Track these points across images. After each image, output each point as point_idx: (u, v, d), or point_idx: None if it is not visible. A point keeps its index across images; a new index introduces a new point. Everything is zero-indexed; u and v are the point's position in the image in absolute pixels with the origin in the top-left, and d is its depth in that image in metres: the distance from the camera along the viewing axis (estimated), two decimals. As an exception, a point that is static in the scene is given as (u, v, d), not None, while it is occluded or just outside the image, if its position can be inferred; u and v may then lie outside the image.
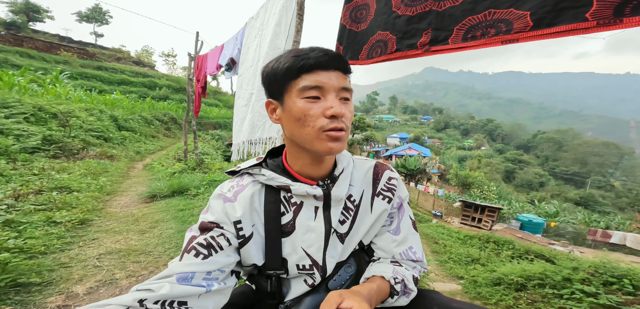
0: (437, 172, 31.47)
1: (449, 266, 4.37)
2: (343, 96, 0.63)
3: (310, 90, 0.60)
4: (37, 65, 15.30)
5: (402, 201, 0.77)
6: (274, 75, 0.64)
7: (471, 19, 1.09)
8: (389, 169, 0.77)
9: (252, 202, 0.67)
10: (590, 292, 2.36)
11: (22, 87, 8.31)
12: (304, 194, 0.66)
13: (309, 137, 0.62)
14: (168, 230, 2.96)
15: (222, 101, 27.00)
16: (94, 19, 36.12)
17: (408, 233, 0.75)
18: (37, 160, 4.83)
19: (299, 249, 0.67)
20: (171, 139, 13.39)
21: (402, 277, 0.69)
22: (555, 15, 0.88)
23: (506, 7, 0.97)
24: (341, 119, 0.61)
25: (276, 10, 2.48)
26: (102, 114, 9.61)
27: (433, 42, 1.27)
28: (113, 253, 2.33)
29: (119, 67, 23.28)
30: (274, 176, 0.67)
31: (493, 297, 2.81)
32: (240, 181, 0.70)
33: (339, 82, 0.62)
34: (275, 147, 0.79)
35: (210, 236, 0.62)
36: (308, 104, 0.60)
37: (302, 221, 0.68)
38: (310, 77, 0.60)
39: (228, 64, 3.55)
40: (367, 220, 0.72)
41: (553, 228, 12.90)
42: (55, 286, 1.77)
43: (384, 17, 1.58)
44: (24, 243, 2.07)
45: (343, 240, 0.71)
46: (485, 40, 1.04)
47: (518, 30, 0.95)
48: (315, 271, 0.68)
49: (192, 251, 0.59)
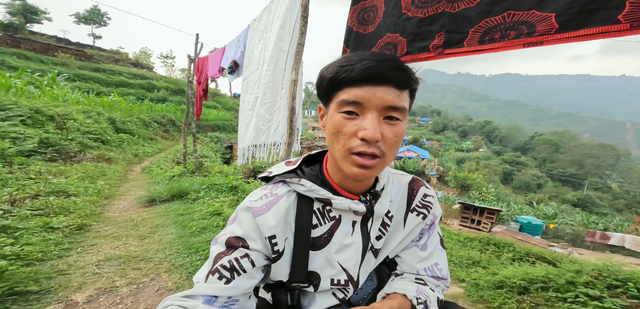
0: (435, 174, 31.46)
1: (450, 269, 4.34)
2: (389, 115, 0.54)
3: (348, 105, 0.54)
4: (34, 67, 15.16)
5: (435, 219, 0.75)
6: (321, 82, 0.59)
7: (488, 21, 1.06)
8: (425, 186, 0.74)
9: (287, 216, 0.63)
10: (595, 296, 2.35)
11: (19, 89, 8.21)
12: (346, 209, 0.62)
13: (338, 155, 0.57)
14: (168, 235, 2.90)
15: (221, 103, 26.90)
16: (92, 20, 36.04)
17: (435, 249, 0.73)
18: (33, 163, 4.75)
19: (335, 264, 0.64)
20: (170, 142, 13.29)
21: (425, 298, 0.65)
22: (584, 17, 0.84)
23: (527, 9, 0.94)
24: (376, 144, 0.53)
25: (280, 12, 2.44)
26: (100, 116, 9.52)
27: (446, 44, 1.23)
28: (112, 259, 2.28)
29: (117, 69, 23.13)
30: (315, 188, 0.62)
31: (496, 300, 2.78)
32: (275, 190, 0.65)
33: (386, 99, 0.53)
34: (312, 154, 0.74)
35: (234, 258, 0.59)
36: (344, 119, 0.55)
37: (339, 236, 0.64)
38: (351, 91, 0.53)
39: (231, 66, 3.51)
40: (398, 235, 0.70)
41: (552, 230, 12.92)
42: (54, 294, 1.71)
43: (393, 18, 1.55)
44: (21, 250, 2.01)
45: (376, 255, 0.69)
46: (505, 43, 1.01)
47: (542, 32, 0.91)
48: (350, 286, 0.66)
49: (216, 273, 0.58)
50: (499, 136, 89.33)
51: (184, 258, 2.41)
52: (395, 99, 0.53)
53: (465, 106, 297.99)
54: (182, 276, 2.14)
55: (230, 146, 14.97)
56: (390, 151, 0.56)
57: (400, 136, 0.56)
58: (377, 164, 0.55)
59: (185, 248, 2.60)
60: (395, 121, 0.55)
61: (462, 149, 63.56)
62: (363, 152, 0.53)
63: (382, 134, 0.53)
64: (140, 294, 1.87)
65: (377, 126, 0.53)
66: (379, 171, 0.57)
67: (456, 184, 26.12)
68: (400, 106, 0.54)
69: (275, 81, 2.47)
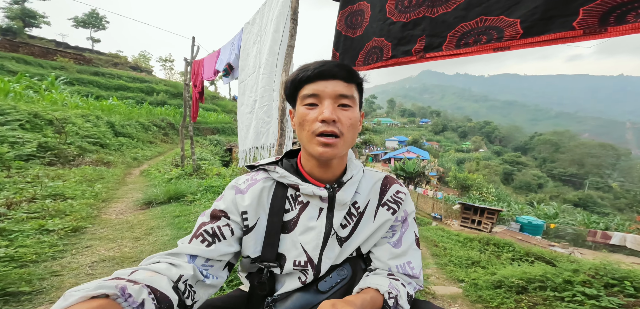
0: (436, 175, 31.52)
1: (449, 269, 4.35)
2: (341, 103, 0.67)
3: (308, 98, 0.67)
4: (33, 71, 15.24)
5: (407, 216, 0.79)
6: (287, 87, 0.72)
7: (464, 26, 1.09)
8: (398, 184, 0.80)
9: (261, 196, 0.72)
10: (592, 294, 2.37)
11: (18, 94, 8.26)
12: (311, 194, 0.70)
13: (305, 140, 0.69)
14: (163, 237, 2.93)
15: (220, 106, 26.96)
16: (91, 24, 36.15)
17: (409, 247, 0.77)
18: (31, 167, 4.78)
19: (298, 245, 0.71)
20: (169, 145, 13.32)
21: (396, 293, 0.69)
22: (545, 24, 0.89)
23: (497, 15, 0.98)
24: (334, 124, 0.65)
25: (273, 16, 2.48)
26: (99, 120, 9.55)
27: (427, 48, 1.27)
28: (106, 260, 2.30)
29: (116, 73, 23.20)
30: (286, 175, 0.72)
31: (494, 300, 2.79)
32: (255, 176, 0.76)
33: (336, 89, 0.67)
34: (294, 149, 0.84)
35: (217, 225, 0.68)
36: (306, 110, 0.68)
37: (304, 219, 0.72)
38: (309, 87, 0.67)
39: (226, 69, 3.55)
40: (368, 228, 0.75)
41: (553, 230, 12.91)
42: (46, 295, 1.74)
43: (379, 23, 1.58)
44: (15, 252, 2.03)
45: (342, 243, 0.73)
46: (477, 47, 1.05)
47: (509, 37, 0.95)
48: (309, 269, 0.70)
49: (199, 237, 0.66)
50: (498, 137, 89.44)
51: (177, 260, 2.43)
52: (344, 89, 0.67)
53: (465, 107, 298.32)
54: (175, 277, 2.16)
55: (229, 149, 15.00)
56: (348, 132, 0.68)
57: (354, 119, 0.69)
58: (338, 143, 0.66)
59: (180, 250, 2.62)
60: (347, 107, 0.68)
61: (462, 150, 63.62)
62: (324, 132, 0.65)
63: (338, 118, 0.66)
64: (133, 295, 1.89)
65: (332, 110, 0.66)
66: (340, 149, 0.67)
67: (456, 184, 26.16)
68: (349, 95, 0.68)
69: (270, 83, 2.51)
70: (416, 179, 23.85)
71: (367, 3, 1.67)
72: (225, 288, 1.89)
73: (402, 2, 1.40)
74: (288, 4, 2.27)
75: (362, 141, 39.55)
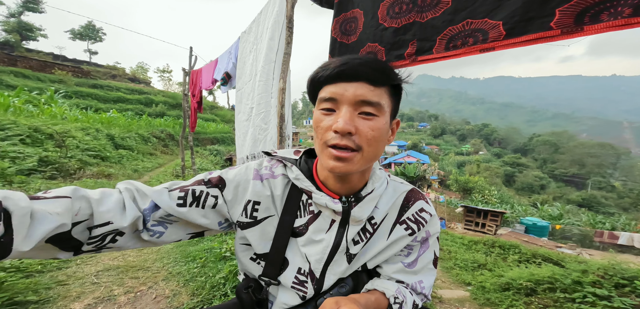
0: (437, 178, 31.55)
1: (455, 273, 4.35)
2: (364, 110, 0.56)
3: (325, 102, 0.58)
4: (32, 85, 15.30)
5: (429, 237, 0.71)
6: (308, 85, 0.64)
7: (451, 29, 1.16)
8: (424, 200, 0.71)
9: (277, 192, 0.67)
10: (603, 295, 2.35)
11: (18, 108, 8.31)
12: (324, 205, 0.63)
13: (318, 149, 0.60)
14: (166, 245, 2.95)
15: (219, 116, 27.07)
16: (88, 36, 36.34)
17: (425, 267, 0.71)
18: (33, 182, 4.81)
19: (302, 255, 0.66)
20: (169, 156, 13.34)
21: (402, 299, 0.65)
22: (525, 25, 0.95)
23: (481, 17, 1.05)
24: (350, 137, 0.55)
25: (269, 24, 2.56)
26: (99, 133, 9.60)
27: (419, 52, 1.33)
28: (111, 269, 2.33)
29: (114, 85, 23.32)
30: (301, 177, 0.65)
31: (503, 303, 2.78)
32: (274, 168, 0.69)
33: (357, 94, 0.55)
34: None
35: (206, 191, 0.64)
36: (322, 115, 0.58)
37: (313, 230, 0.66)
38: (327, 89, 0.58)
39: (223, 78, 3.61)
40: (379, 244, 0.68)
41: (559, 231, 12.82)
42: (52, 304, 1.76)
43: (372, 29, 1.65)
44: (20, 262, 2.06)
45: (350, 260, 0.67)
46: (465, 49, 1.11)
47: (493, 39, 1.02)
48: (309, 282, 0.66)
49: (183, 193, 0.62)
50: (497, 139, 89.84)
51: (181, 267, 2.46)
52: (368, 93, 0.55)
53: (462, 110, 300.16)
54: (179, 283, 2.19)
55: (229, 158, 15.03)
56: (368, 146, 0.56)
57: (378, 131, 0.57)
58: (353, 158, 0.56)
59: (183, 257, 2.65)
60: (371, 115, 0.56)
61: (461, 153, 63.83)
62: (337, 145, 0.55)
63: (357, 128, 0.55)
64: (137, 303, 1.92)
65: (349, 119, 0.55)
66: (357, 165, 0.57)
67: (458, 187, 26.14)
68: (374, 101, 0.56)
69: (267, 91, 2.57)
70: (417, 184, 23.89)
71: (360, 10, 1.74)
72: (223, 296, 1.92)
73: (393, 8, 1.47)
74: (283, 13, 2.34)
75: (361, 146, 39.52)
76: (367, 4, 1.68)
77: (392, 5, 1.50)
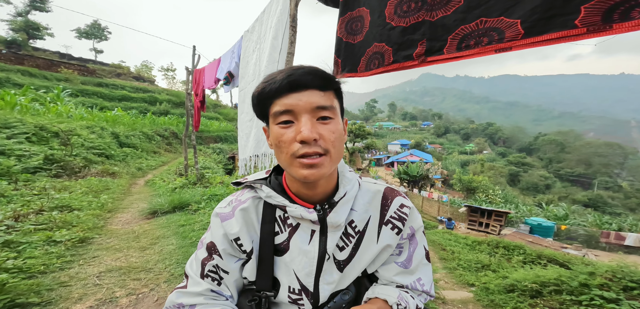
0: (440, 177, 31.36)
1: (458, 273, 4.29)
2: (321, 115, 0.58)
3: (281, 115, 0.58)
4: (38, 84, 15.47)
5: (415, 231, 0.72)
6: (253, 101, 0.62)
7: (464, 28, 1.11)
8: (401, 196, 0.71)
9: (249, 218, 0.67)
10: (611, 298, 2.30)
11: (24, 107, 8.39)
12: (299, 217, 0.63)
13: (285, 164, 0.60)
14: (169, 246, 2.94)
15: (222, 114, 27.14)
16: (93, 35, 36.57)
17: (419, 264, 0.71)
18: (38, 180, 4.84)
19: (290, 271, 0.66)
20: (173, 154, 13.42)
21: (405, 304, 0.65)
22: (545, 23, 0.89)
23: (497, 16, 0.99)
24: (316, 143, 0.56)
25: (272, 23, 2.51)
26: (104, 131, 9.68)
27: (428, 52, 1.28)
28: (113, 270, 2.32)
29: (119, 83, 23.48)
30: (273, 195, 0.65)
31: (508, 304, 2.73)
32: (240, 196, 0.70)
33: (312, 101, 0.57)
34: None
35: (215, 264, 0.67)
36: (281, 129, 0.58)
37: (296, 243, 0.65)
38: (280, 102, 0.57)
39: (226, 77, 3.58)
40: (371, 249, 0.68)
41: (564, 231, 12.62)
42: (54, 306, 1.75)
43: (378, 28, 1.60)
44: (23, 263, 2.06)
45: (342, 268, 0.67)
46: (479, 49, 1.06)
47: (510, 38, 0.96)
48: (304, 297, 0.65)
49: (208, 277, 0.66)
50: (502, 138, 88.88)
51: (183, 268, 2.44)
52: (321, 99, 0.57)
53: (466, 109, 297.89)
54: (181, 285, 2.17)
55: (232, 157, 15.06)
56: (333, 148, 0.58)
57: (338, 132, 0.60)
58: (323, 162, 0.57)
59: (185, 258, 2.63)
60: (328, 119, 0.58)
61: (465, 152, 63.30)
62: (306, 154, 0.56)
63: (319, 134, 0.56)
64: (139, 305, 1.90)
65: (311, 126, 0.56)
66: (327, 168, 0.58)
67: (461, 187, 25.94)
68: (328, 105, 0.58)
69: (270, 91, 2.53)
70: (420, 183, 23.72)
71: (366, 9, 1.69)
72: None
73: (401, 7, 1.42)
74: (286, 11, 2.30)
75: (365, 145, 39.54)
76: (374, 2, 1.62)
77: (400, 4, 1.45)
